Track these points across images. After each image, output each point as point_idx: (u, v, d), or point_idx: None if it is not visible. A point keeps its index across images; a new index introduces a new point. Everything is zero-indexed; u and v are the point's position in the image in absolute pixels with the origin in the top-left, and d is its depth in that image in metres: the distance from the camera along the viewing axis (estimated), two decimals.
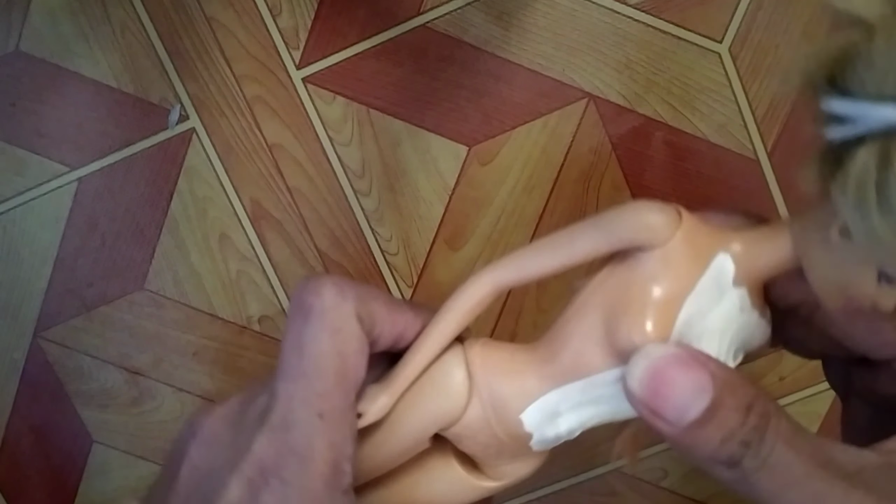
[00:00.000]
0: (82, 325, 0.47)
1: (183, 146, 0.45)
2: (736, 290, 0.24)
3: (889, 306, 0.21)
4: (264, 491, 0.22)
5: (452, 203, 0.45)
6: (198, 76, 0.45)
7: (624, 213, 0.23)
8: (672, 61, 0.43)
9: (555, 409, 0.26)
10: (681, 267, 0.23)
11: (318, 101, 0.44)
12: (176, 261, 0.46)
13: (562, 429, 0.26)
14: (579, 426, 0.26)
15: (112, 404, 0.47)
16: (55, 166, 0.46)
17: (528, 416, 0.25)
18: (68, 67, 0.45)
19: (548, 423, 0.26)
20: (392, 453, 0.27)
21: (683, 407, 0.21)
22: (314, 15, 0.44)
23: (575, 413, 0.26)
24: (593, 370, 0.25)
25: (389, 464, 0.27)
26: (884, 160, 0.17)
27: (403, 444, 0.26)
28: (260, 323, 0.46)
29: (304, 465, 0.22)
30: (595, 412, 0.26)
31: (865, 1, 0.17)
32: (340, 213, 0.45)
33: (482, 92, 0.44)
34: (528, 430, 0.26)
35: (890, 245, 0.18)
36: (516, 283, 0.26)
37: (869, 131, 0.17)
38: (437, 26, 0.43)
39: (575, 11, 0.43)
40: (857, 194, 0.18)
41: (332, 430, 0.22)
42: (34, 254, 0.46)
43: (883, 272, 0.21)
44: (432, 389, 0.26)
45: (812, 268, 0.22)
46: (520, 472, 0.27)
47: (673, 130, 0.44)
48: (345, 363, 0.23)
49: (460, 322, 0.26)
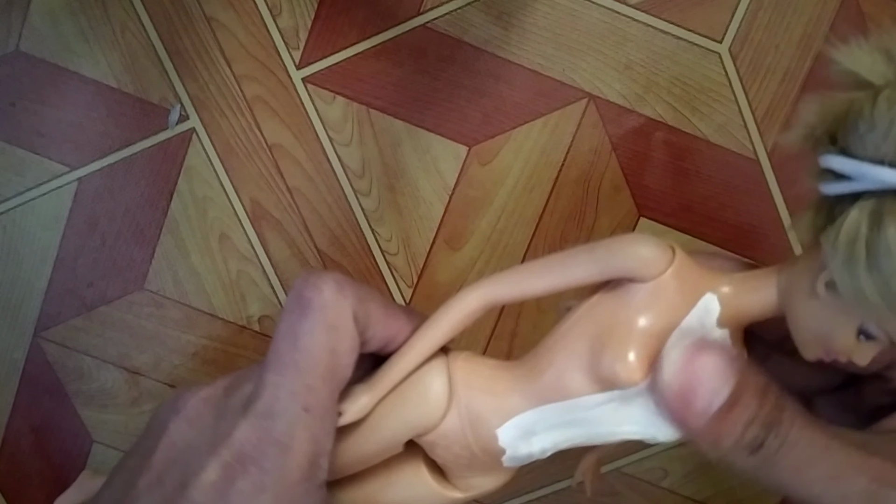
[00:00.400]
0: (82, 325, 0.47)
1: (183, 146, 0.45)
2: (719, 331, 0.24)
3: (864, 362, 0.22)
4: (241, 477, 0.22)
5: (452, 203, 0.45)
6: (198, 76, 0.45)
7: (620, 244, 0.24)
8: (672, 61, 0.43)
9: (531, 428, 0.26)
10: (669, 302, 0.24)
11: (318, 101, 0.44)
12: (176, 261, 0.46)
13: (535, 448, 0.26)
14: (552, 447, 0.26)
15: (112, 404, 0.47)
16: (55, 166, 0.46)
17: (503, 431, 0.26)
18: (68, 67, 0.45)
19: (522, 440, 0.26)
20: (367, 453, 0.27)
21: (711, 395, 0.22)
22: (314, 15, 0.44)
23: (550, 434, 0.26)
24: (573, 394, 0.25)
25: (362, 463, 0.27)
26: (876, 220, 0.18)
27: (378, 445, 0.27)
28: (260, 323, 0.46)
29: (284, 455, 0.22)
30: (570, 435, 0.26)
31: (871, 64, 0.18)
32: (340, 213, 0.45)
33: (482, 92, 0.44)
34: (503, 445, 0.26)
35: (874, 304, 0.19)
36: (508, 301, 0.27)
37: (864, 190, 0.18)
38: (437, 26, 0.43)
39: (575, 11, 0.43)
40: (846, 251, 0.18)
41: (315, 425, 0.23)
42: (34, 254, 0.46)
43: (863, 329, 0.22)
44: (412, 396, 0.26)
45: (795, 317, 0.23)
46: (486, 485, 0.28)
47: (673, 130, 0.44)
48: (336, 360, 0.23)
49: (448, 332, 0.27)
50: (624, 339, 0.24)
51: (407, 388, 0.26)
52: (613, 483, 0.46)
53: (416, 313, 0.27)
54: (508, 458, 0.26)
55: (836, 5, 0.42)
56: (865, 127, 0.18)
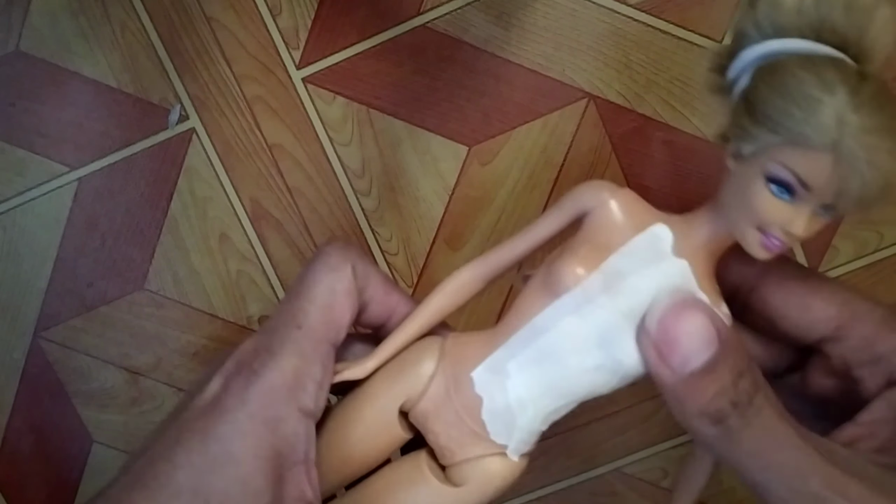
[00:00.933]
0: (82, 325, 0.47)
1: (183, 146, 0.45)
2: (676, 260, 0.26)
3: (797, 229, 0.23)
4: (234, 379, 0.24)
5: (452, 203, 0.45)
6: (198, 76, 0.45)
7: (574, 189, 0.28)
8: (672, 61, 0.43)
9: (501, 367, 0.28)
10: (615, 226, 0.27)
11: (318, 101, 0.44)
12: (176, 261, 0.46)
13: (510, 395, 0.28)
14: (527, 395, 0.27)
15: (112, 404, 0.47)
16: (55, 166, 0.46)
17: (477, 374, 0.28)
18: (68, 67, 0.45)
19: (496, 386, 0.28)
20: (365, 423, 0.29)
21: (689, 354, 0.23)
22: (314, 15, 0.44)
23: (522, 376, 0.27)
24: (531, 312, 0.27)
25: (363, 445, 0.29)
26: (754, 76, 0.23)
27: (375, 411, 0.29)
28: (260, 323, 0.46)
29: (272, 360, 0.25)
30: (541, 376, 0.27)
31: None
32: (340, 213, 0.45)
33: (482, 92, 0.44)
34: (478, 392, 0.28)
35: (757, 136, 0.23)
36: (496, 269, 0.30)
37: (751, 65, 0.24)
38: (437, 26, 0.43)
39: (575, 11, 0.43)
40: (736, 107, 0.24)
41: (304, 342, 0.25)
42: (34, 254, 0.46)
43: (770, 178, 0.23)
44: (406, 364, 0.29)
45: (725, 210, 0.25)
46: (484, 474, 0.28)
47: (673, 130, 0.44)
48: (332, 297, 0.27)
49: (444, 306, 0.30)
50: (571, 253, 0.27)
51: (402, 357, 0.29)
52: (613, 483, 0.46)
53: (414, 300, 0.30)
54: (487, 411, 0.28)
55: None
56: (748, 24, 0.24)
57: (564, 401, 0.28)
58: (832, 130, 0.21)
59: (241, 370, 0.25)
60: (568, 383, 0.27)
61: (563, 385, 0.27)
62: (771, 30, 0.23)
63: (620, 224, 0.27)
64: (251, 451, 0.23)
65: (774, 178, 0.23)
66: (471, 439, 0.28)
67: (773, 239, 0.25)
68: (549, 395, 0.27)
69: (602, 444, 0.46)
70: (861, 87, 0.21)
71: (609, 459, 0.46)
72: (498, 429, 0.28)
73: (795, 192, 0.23)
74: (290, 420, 0.24)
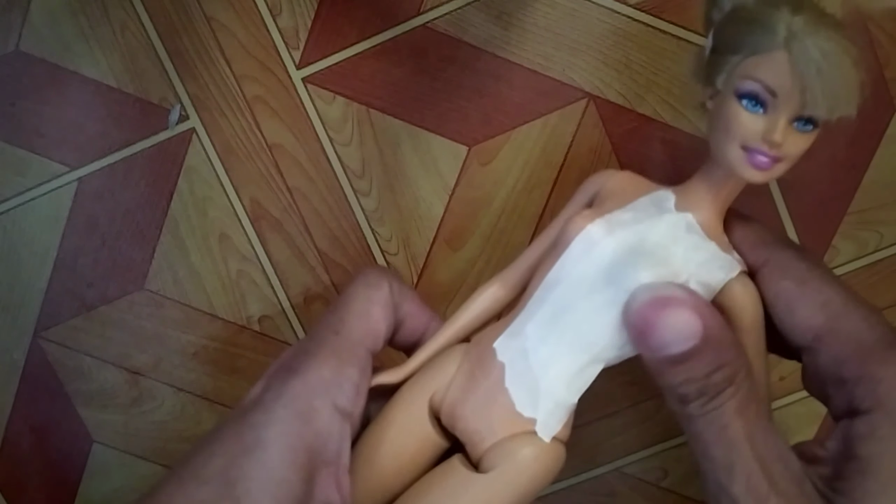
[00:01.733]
0: (82, 325, 0.47)
1: (183, 146, 0.45)
2: (680, 213, 0.28)
3: (776, 135, 0.25)
4: (275, 379, 0.26)
5: (452, 203, 0.45)
6: (198, 76, 0.45)
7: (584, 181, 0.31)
8: (672, 61, 0.43)
9: (521, 330, 0.28)
10: (620, 192, 0.29)
11: (318, 101, 0.44)
12: (176, 261, 0.46)
13: (531, 357, 0.28)
14: (548, 356, 0.28)
15: (112, 404, 0.47)
16: (55, 166, 0.46)
17: (498, 343, 0.29)
18: (68, 67, 0.45)
19: (516, 349, 0.28)
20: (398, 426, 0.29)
21: (666, 343, 0.24)
22: (314, 15, 0.44)
23: (539, 334, 0.28)
24: (543, 271, 0.28)
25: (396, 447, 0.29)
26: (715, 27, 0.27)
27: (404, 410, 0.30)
28: (260, 323, 0.46)
29: (310, 359, 0.26)
30: (559, 334, 0.28)
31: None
32: (340, 213, 0.45)
33: (482, 92, 0.44)
34: (500, 359, 0.28)
35: (723, 63, 0.26)
36: (518, 275, 0.31)
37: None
38: (437, 26, 0.43)
39: (575, 11, 0.43)
40: (707, 60, 0.27)
41: (342, 346, 0.27)
42: (34, 254, 0.46)
43: (739, 93, 0.26)
44: (431, 364, 0.30)
45: (712, 147, 0.28)
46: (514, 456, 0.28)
47: (673, 130, 0.44)
48: (369, 307, 0.28)
49: (470, 318, 0.31)
50: (580, 218, 0.28)
51: (429, 363, 0.30)
52: (613, 483, 0.46)
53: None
54: (509, 378, 0.28)
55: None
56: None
57: (585, 356, 0.27)
58: (781, 30, 0.24)
59: (280, 371, 0.26)
60: (584, 329, 0.27)
61: (579, 335, 0.27)
62: (729, 2, 0.27)
63: (624, 191, 0.29)
64: (282, 439, 0.23)
65: (744, 93, 0.26)
66: (498, 417, 0.28)
67: (756, 155, 0.26)
68: (567, 350, 0.27)
69: (602, 444, 0.46)
70: (801, 4, 0.25)
71: (609, 459, 0.46)
72: (523, 397, 0.28)
73: (766, 102, 0.25)
74: (324, 414, 0.25)
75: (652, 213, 0.28)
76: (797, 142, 0.26)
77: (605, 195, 0.30)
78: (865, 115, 0.36)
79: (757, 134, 0.26)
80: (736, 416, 0.23)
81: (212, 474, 0.22)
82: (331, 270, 0.46)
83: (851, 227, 0.44)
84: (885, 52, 0.43)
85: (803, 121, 0.26)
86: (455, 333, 0.31)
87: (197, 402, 0.47)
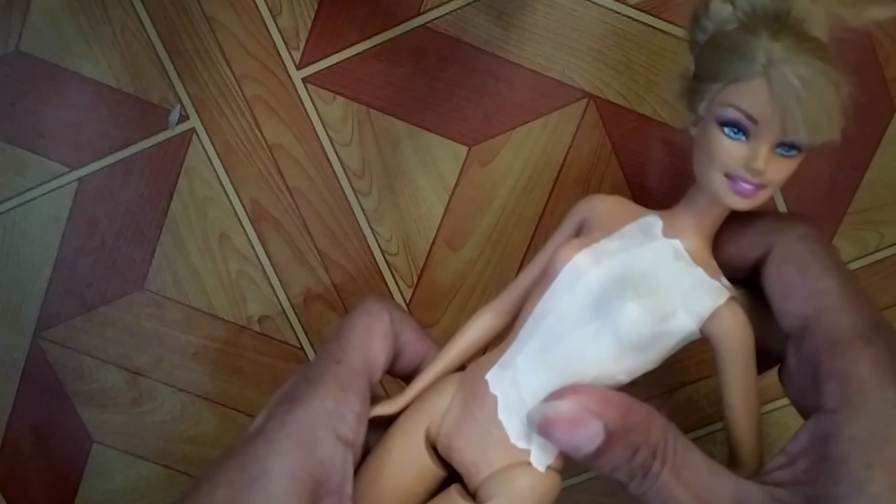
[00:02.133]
0: (82, 325, 0.47)
1: (183, 146, 0.45)
2: (667, 239, 0.28)
3: (758, 163, 0.25)
4: (277, 408, 0.26)
5: (452, 203, 0.45)
6: (198, 76, 0.45)
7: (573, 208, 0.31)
8: (672, 61, 0.43)
9: (511, 362, 0.29)
10: (607, 219, 0.30)
11: (318, 101, 0.44)
12: (176, 261, 0.46)
13: (522, 387, 0.28)
14: (539, 386, 0.28)
15: (112, 404, 0.47)
16: (55, 166, 0.46)
17: (490, 374, 0.29)
18: (68, 67, 0.45)
19: (508, 381, 0.29)
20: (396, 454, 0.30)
21: (576, 447, 0.25)
22: (314, 15, 0.44)
23: (530, 365, 0.28)
24: (533, 302, 0.29)
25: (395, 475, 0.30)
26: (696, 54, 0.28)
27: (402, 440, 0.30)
28: (260, 323, 0.46)
29: (313, 388, 0.26)
30: (550, 362, 0.28)
31: None
32: (340, 213, 0.45)
33: (482, 92, 0.44)
34: (493, 391, 0.29)
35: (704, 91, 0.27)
36: (511, 303, 0.31)
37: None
38: (437, 26, 0.43)
39: (575, 11, 0.43)
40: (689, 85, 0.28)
41: (344, 375, 0.27)
42: (34, 254, 0.46)
43: (721, 121, 0.26)
44: (427, 393, 0.31)
45: (697, 173, 0.28)
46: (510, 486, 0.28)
47: (673, 130, 0.44)
48: (369, 336, 0.29)
49: (465, 346, 0.31)
50: (568, 246, 0.29)
51: (425, 392, 0.31)
52: None
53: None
54: (502, 409, 0.29)
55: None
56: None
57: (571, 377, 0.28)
58: (760, 57, 0.24)
59: (283, 401, 0.26)
60: (573, 360, 0.27)
61: (569, 364, 0.27)
62: (711, 25, 0.27)
63: (612, 217, 0.30)
64: (286, 469, 0.23)
65: (725, 121, 0.26)
66: (493, 449, 0.28)
67: (740, 182, 0.26)
68: (558, 381, 0.28)
69: None
70: (782, 28, 0.24)
71: None
72: (515, 428, 0.28)
73: (747, 130, 0.25)
74: (328, 444, 0.25)
75: (639, 240, 0.28)
76: (779, 168, 0.26)
77: (593, 222, 0.30)
78: (865, 115, 0.36)
79: (739, 161, 0.26)
80: (674, 483, 0.23)
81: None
82: (331, 270, 0.46)
83: (851, 227, 0.44)
84: (885, 52, 0.43)
85: (786, 146, 0.26)
86: (450, 362, 0.31)
87: (197, 402, 0.47)
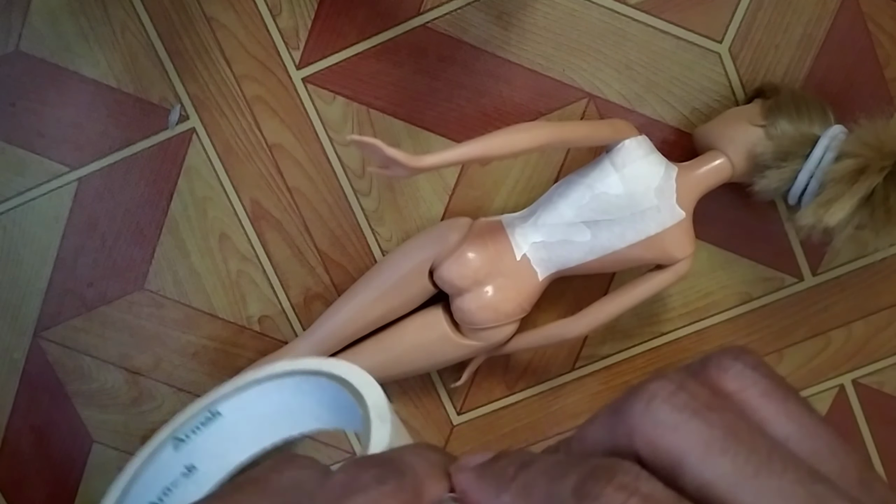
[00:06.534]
0: (82, 325, 0.47)
1: (183, 146, 0.45)
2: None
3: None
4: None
5: (452, 203, 0.45)
6: (198, 76, 0.45)
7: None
8: (672, 61, 0.43)
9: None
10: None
11: (318, 101, 0.44)
12: (176, 261, 0.46)
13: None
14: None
15: (112, 404, 0.47)
16: (55, 166, 0.46)
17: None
18: (68, 67, 0.45)
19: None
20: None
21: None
22: (314, 15, 0.44)
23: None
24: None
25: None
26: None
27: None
28: (260, 323, 0.46)
29: None
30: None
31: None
32: (340, 213, 0.45)
33: (482, 92, 0.44)
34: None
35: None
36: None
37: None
38: (437, 26, 0.43)
39: (575, 11, 0.43)
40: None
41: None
42: (34, 254, 0.46)
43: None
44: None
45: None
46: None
47: (673, 130, 0.44)
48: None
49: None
50: None
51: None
52: None
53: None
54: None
55: (836, 5, 0.42)
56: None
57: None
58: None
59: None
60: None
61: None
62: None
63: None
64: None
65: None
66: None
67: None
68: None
69: None
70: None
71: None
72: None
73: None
74: None
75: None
76: None
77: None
78: (865, 115, 0.36)
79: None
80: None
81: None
82: (331, 270, 0.46)
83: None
84: (885, 52, 0.43)
85: None
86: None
87: None
